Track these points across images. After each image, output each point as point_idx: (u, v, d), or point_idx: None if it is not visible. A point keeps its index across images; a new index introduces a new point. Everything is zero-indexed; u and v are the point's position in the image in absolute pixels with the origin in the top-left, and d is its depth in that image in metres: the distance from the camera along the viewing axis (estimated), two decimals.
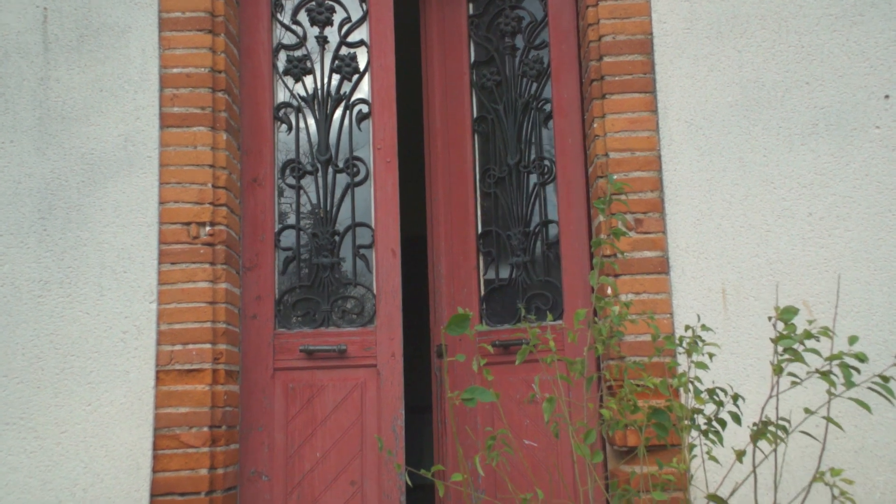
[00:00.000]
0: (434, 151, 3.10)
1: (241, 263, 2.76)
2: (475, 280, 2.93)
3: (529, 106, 2.94)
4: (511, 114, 2.96)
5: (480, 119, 3.03)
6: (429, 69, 3.15)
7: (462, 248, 2.98)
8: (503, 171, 2.95)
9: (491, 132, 3.00)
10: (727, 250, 2.45)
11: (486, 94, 3.02)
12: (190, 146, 2.52)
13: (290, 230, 2.85)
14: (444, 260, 3.01)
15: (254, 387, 2.70)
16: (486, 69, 3.03)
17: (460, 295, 2.95)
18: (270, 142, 2.85)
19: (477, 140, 3.03)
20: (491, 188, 2.97)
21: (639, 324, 2.19)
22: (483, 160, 3.01)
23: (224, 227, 2.56)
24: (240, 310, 2.72)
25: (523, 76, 2.96)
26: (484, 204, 2.99)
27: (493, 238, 2.95)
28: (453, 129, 3.05)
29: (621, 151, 2.55)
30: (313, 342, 2.76)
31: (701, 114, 2.52)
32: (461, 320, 1.29)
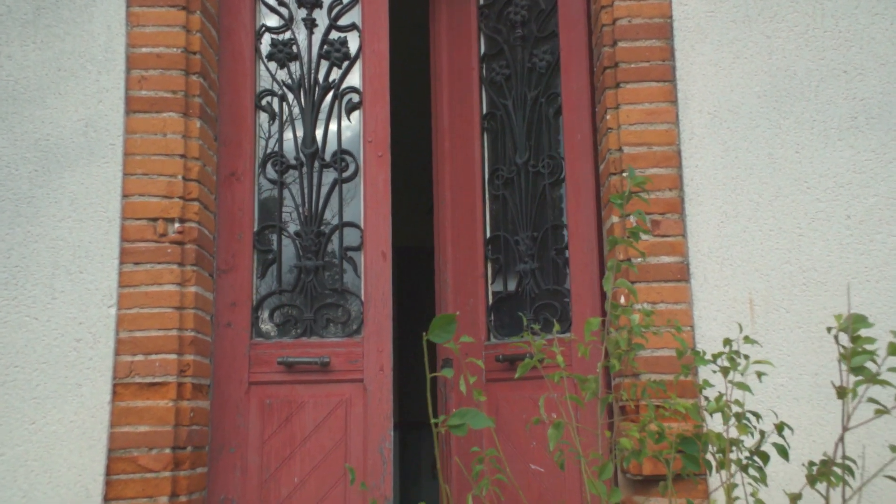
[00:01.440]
0: (441, 151, 2.87)
1: (215, 265, 2.50)
2: (482, 289, 2.69)
3: (538, 100, 2.70)
4: (520, 109, 2.73)
5: (490, 116, 2.80)
6: (436, 63, 2.93)
7: (469, 255, 2.74)
8: (512, 172, 2.72)
9: (500, 130, 2.78)
10: (755, 256, 2.20)
11: (496, 89, 2.80)
12: (159, 134, 2.27)
13: (271, 230, 2.60)
14: (450, 268, 2.77)
15: (226, 403, 2.43)
16: (495, 62, 2.81)
17: (466, 306, 2.71)
18: (251, 132, 2.60)
19: (486, 139, 2.81)
20: (499, 189, 2.74)
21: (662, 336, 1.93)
22: (492, 160, 2.79)
23: (196, 225, 2.30)
24: (212, 317, 2.46)
25: (532, 69, 2.73)
26: (493, 207, 2.76)
27: (501, 243, 2.71)
28: (461, 127, 2.82)
29: (637, 146, 2.30)
30: (293, 353, 2.49)
31: (725, 105, 2.27)
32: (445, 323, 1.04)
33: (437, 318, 0.97)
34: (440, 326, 1.03)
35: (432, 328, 1.04)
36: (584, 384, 1.39)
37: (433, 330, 1.03)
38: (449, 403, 2.69)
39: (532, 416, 2.44)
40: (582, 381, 1.39)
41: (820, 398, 2.05)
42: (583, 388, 1.40)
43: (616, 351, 1.42)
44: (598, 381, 1.41)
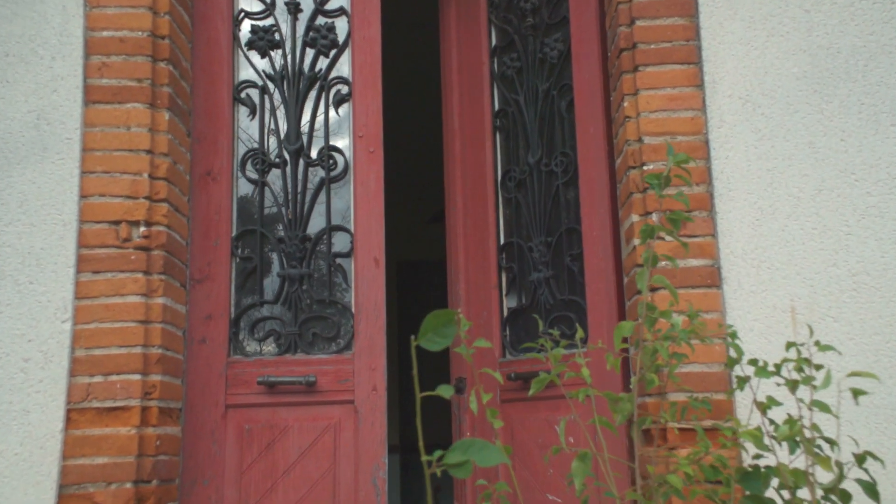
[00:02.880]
0: (451, 154, 2.64)
1: (189, 274, 2.24)
2: (496, 301, 2.43)
3: (550, 92, 2.46)
4: (532, 104, 2.49)
5: (501, 113, 2.57)
6: (446, 60, 2.70)
7: (482, 264, 2.50)
8: (524, 172, 2.48)
9: (512, 128, 2.55)
10: (796, 258, 1.94)
11: (507, 83, 2.57)
12: (122, 127, 2.02)
13: (251, 235, 2.34)
14: (462, 278, 2.52)
15: (200, 429, 2.16)
16: (506, 55, 2.58)
17: (480, 319, 2.45)
18: (229, 127, 2.35)
19: (498, 138, 2.57)
20: (512, 192, 2.50)
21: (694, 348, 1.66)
22: (504, 161, 2.56)
23: (164, 229, 2.04)
24: (184, 332, 2.20)
25: (543, 60, 2.49)
26: (506, 212, 2.52)
27: (515, 251, 2.46)
28: (472, 127, 2.59)
29: (658, 135, 2.05)
30: (276, 372, 2.23)
31: (759, 88, 2.02)
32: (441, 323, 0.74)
33: (430, 316, 0.70)
34: (434, 328, 0.74)
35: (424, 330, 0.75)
36: (616, 404, 1.12)
37: (425, 332, 0.74)
38: (462, 426, 2.42)
39: (548, 441, 2.17)
40: (613, 401, 1.12)
41: (879, 421, 1.78)
42: (614, 408, 1.14)
43: (652, 363, 1.15)
44: (634, 401, 1.14)
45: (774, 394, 1.22)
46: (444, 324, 0.70)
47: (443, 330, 0.70)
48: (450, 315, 0.70)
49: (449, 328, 0.70)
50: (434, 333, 0.70)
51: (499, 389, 2.36)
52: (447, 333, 0.70)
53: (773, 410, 1.22)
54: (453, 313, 0.70)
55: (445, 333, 0.70)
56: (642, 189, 2.05)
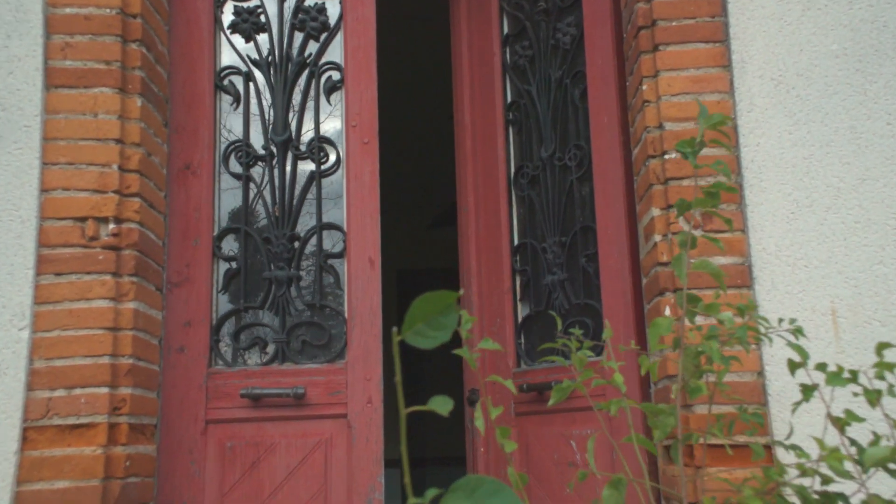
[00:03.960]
0: (462, 151, 2.46)
1: (165, 277, 2.05)
2: (509, 307, 2.24)
3: (563, 81, 2.28)
4: (544, 94, 2.31)
5: (513, 106, 2.39)
6: (457, 52, 2.52)
7: (494, 267, 2.31)
8: (537, 168, 2.29)
9: (524, 120, 2.37)
10: (837, 255, 1.74)
11: (519, 74, 2.40)
12: (88, 114, 1.83)
13: (235, 234, 2.15)
14: (474, 283, 2.33)
15: (177, 447, 1.97)
16: (518, 44, 2.41)
17: (493, 326, 2.26)
18: (210, 117, 2.16)
19: (510, 132, 2.39)
20: (525, 190, 2.31)
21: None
22: (517, 157, 2.38)
23: (136, 226, 1.85)
24: (160, 340, 2.00)
25: (556, 47, 2.30)
26: (519, 211, 2.34)
27: (529, 253, 2.28)
28: (483, 120, 2.42)
29: (681, 121, 1.85)
30: (261, 383, 2.03)
31: (794, 68, 1.83)
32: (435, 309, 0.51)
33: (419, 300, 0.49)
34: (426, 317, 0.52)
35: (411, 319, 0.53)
36: (656, 418, 0.92)
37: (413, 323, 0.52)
38: (476, 441, 2.22)
39: (564, 457, 1.97)
40: (653, 413, 0.92)
41: None
42: (654, 423, 0.94)
43: (696, 368, 0.95)
44: (677, 414, 0.94)
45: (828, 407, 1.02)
46: (440, 311, 0.49)
47: (438, 320, 0.49)
48: (447, 299, 0.49)
49: (447, 318, 0.50)
50: (426, 325, 0.50)
51: (513, 402, 2.16)
52: (444, 325, 0.50)
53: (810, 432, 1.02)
54: (451, 296, 0.50)
55: (442, 325, 0.49)
56: (663, 180, 1.86)
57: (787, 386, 1.71)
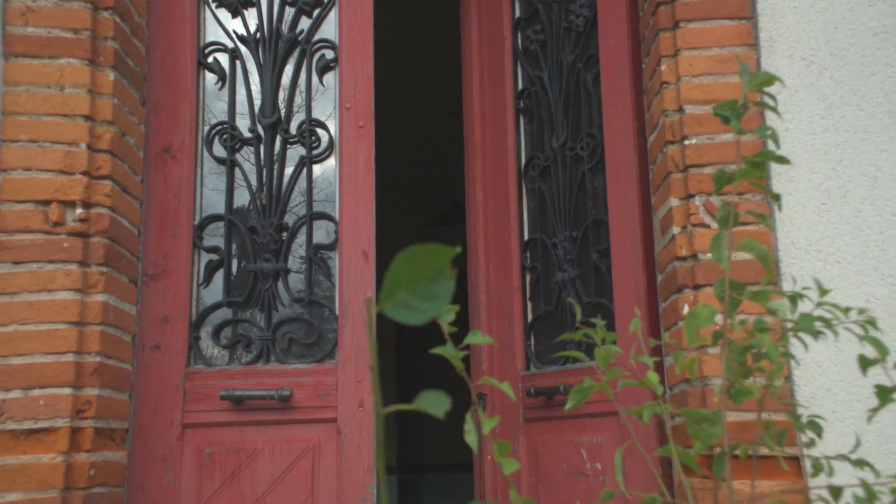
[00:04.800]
0: (471, 142, 2.32)
1: (141, 269, 1.89)
2: (519, 306, 2.09)
3: (575, 65, 2.13)
4: (556, 80, 2.17)
5: (524, 93, 2.25)
6: (466, 37, 2.39)
7: (504, 264, 2.16)
8: (548, 159, 2.15)
9: (535, 108, 2.23)
10: (872, 250, 1.59)
11: (531, 59, 2.26)
12: (54, 87, 1.67)
13: (218, 223, 1.99)
14: (482, 281, 2.18)
15: (150, 453, 1.80)
16: (529, 28, 2.27)
17: (501, 326, 2.11)
18: (192, 97, 2.00)
19: (521, 122, 2.25)
20: (535, 182, 2.17)
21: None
22: (529, 147, 2.24)
23: (107, 211, 1.69)
24: (134, 336, 1.84)
25: (568, 30, 2.16)
26: (530, 204, 2.19)
27: (539, 249, 2.13)
28: (493, 109, 2.28)
29: (703, 104, 1.70)
30: (244, 385, 1.87)
31: (827, 48, 1.68)
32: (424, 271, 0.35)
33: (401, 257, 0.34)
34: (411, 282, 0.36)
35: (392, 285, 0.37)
36: (698, 426, 0.76)
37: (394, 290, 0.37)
38: (484, 448, 2.07)
39: (574, 466, 1.81)
40: (696, 420, 0.77)
41: None
42: (695, 431, 0.78)
43: (743, 367, 0.80)
44: (723, 422, 0.78)
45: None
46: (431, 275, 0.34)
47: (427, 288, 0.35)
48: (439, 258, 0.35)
49: (439, 285, 0.35)
50: (411, 293, 0.35)
51: (521, 407, 2.01)
52: (435, 294, 0.35)
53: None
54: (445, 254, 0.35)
55: (432, 294, 0.35)
56: (683, 167, 1.71)
57: (818, 392, 1.56)
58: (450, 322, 0.82)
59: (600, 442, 1.76)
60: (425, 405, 0.44)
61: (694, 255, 1.65)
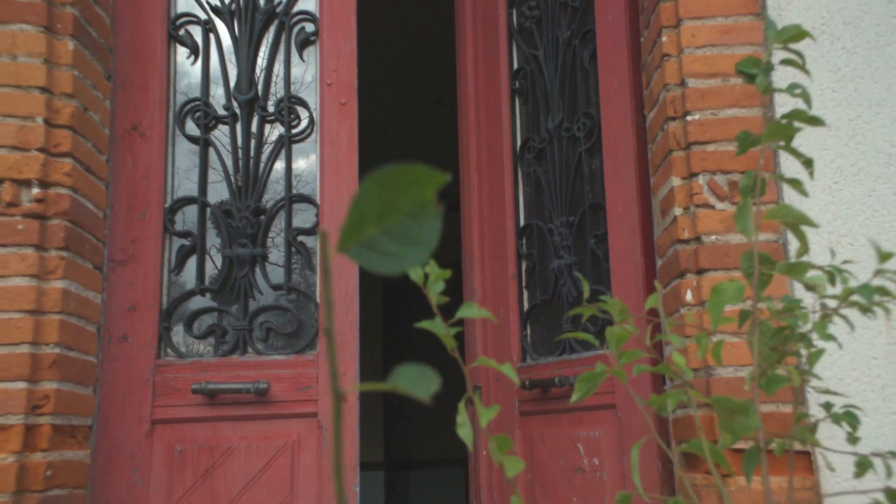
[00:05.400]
0: (466, 125, 2.21)
1: (107, 254, 1.77)
2: (514, 295, 1.99)
3: (572, 42, 2.02)
4: (552, 58, 2.06)
5: (520, 73, 2.14)
6: (460, 14, 2.26)
7: (499, 252, 2.05)
8: (543, 141, 2.04)
9: (531, 89, 2.12)
10: (887, 231, 1.50)
11: (526, 38, 2.14)
12: (4, 55, 1.54)
13: (191, 206, 1.87)
14: (476, 269, 2.08)
15: (117, 452, 1.69)
16: (524, 4, 2.15)
17: (496, 316, 2.01)
18: (163, 71, 1.87)
19: (517, 103, 2.14)
20: (531, 165, 2.06)
21: None
22: (524, 129, 2.13)
23: (68, 192, 1.57)
24: (99, 327, 1.72)
25: (564, 5, 2.05)
26: (526, 189, 2.08)
27: (535, 234, 2.02)
28: (487, 90, 2.18)
29: (706, 77, 1.60)
30: (218, 377, 1.75)
31: (839, 16, 1.57)
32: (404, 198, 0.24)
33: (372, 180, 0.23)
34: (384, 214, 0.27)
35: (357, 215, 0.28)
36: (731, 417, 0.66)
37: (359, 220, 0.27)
38: (478, 446, 1.96)
39: (571, 462, 1.71)
40: (728, 412, 0.66)
41: None
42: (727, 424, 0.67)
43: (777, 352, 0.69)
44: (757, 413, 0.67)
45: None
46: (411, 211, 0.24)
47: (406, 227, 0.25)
48: (422, 187, 0.24)
49: (421, 224, 0.25)
50: (385, 233, 0.26)
51: (517, 400, 1.90)
52: (416, 236, 0.25)
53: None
54: (431, 181, 0.24)
55: (411, 235, 0.25)
56: (685, 145, 1.60)
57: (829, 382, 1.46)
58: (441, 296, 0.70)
59: (597, 436, 1.66)
60: (407, 385, 0.33)
61: (697, 238, 1.55)
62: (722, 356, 0.71)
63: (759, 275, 0.68)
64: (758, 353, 0.66)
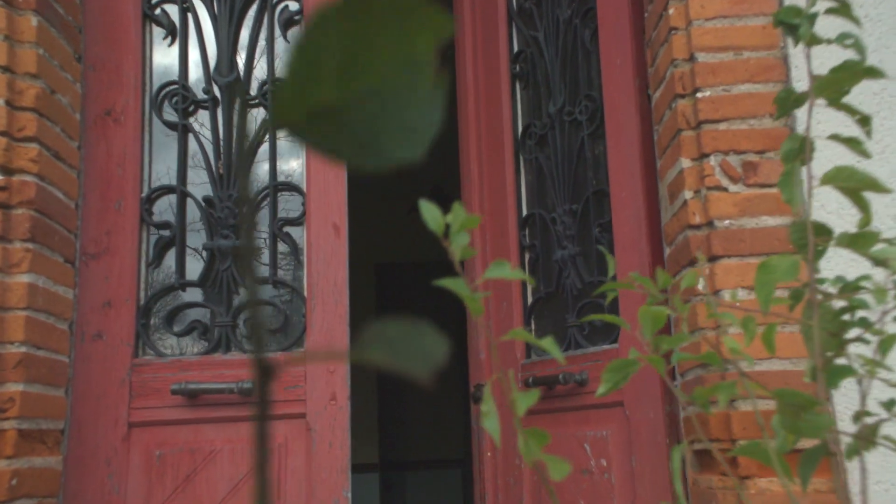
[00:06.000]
0: (465, 111, 2.11)
1: (79, 247, 1.66)
2: (517, 288, 1.89)
3: (573, 21, 1.92)
4: (552, 40, 1.95)
5: (520, 57, 2.04)
6: None
7: (500, 244, 1.95)
8: (545, 126, 1.94)
9: (531, 72, 2.02)
10: None
11: (526, 19, 2.04)
12: None
13: (169, 195, 1.76)
14: (478, 263, 1.98)
15: (91, 457, 1.58)
16: None
17: (499, 311, 1.90)
18: (137, 53, 1.76)
19: (517, 87, 2.04)
20: (533, 152, 1.96)
21: None
22: (526, 115, 2.03)
23: (34, 179, 1.46)
24: (71, 324, 1.61)
25: None
26: (528, 177, 1.98)
27: (537, 224, 1.92)
28: (487, 75, 2.08)
29: (717, 51, 1.49)
30: (200, 377, 1.65)
31: None
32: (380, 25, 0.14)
33: (331, 9, 0.14)
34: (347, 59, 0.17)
35: (302, 63, 0.17)
36: (797, 414, 0.55)
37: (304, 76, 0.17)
38: (482, 445, 1.86)
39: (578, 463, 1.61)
40: (795, 408, 0.55)
41: None
42: (795, 424, 0.56)
43: (836, 338, 0.59)
44: (832, 408, 0.57)
45: None
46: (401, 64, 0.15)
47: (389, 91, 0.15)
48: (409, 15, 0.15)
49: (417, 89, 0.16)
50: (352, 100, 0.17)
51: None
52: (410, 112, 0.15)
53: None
54: (431, 20, 0.14)
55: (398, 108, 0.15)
56: (695, 124, 1.50)
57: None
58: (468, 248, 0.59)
59: (605, 436, 1.56)
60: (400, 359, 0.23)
61: (709, 223, 1.44)
62: (775, 344, 0.60)
63: (814, 247, 0.58)
64: (817, 339, 0.55)
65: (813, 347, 0.57)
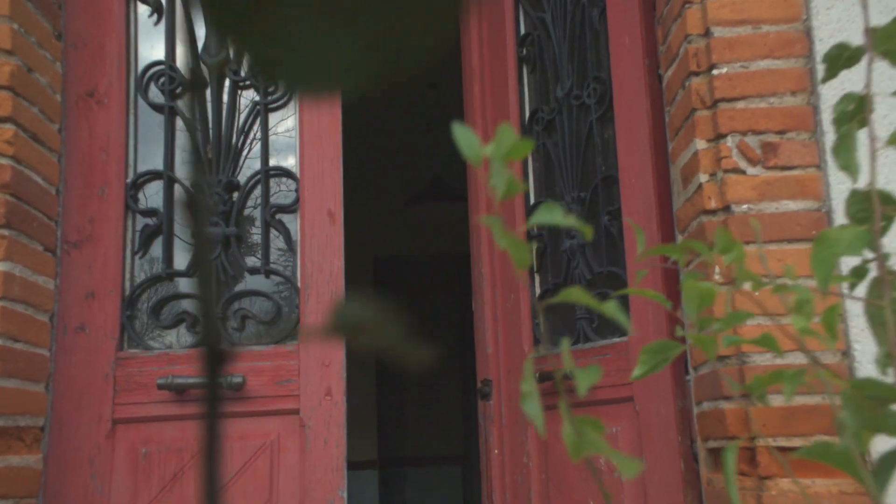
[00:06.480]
0: (470, 98, 2.02)
1: (61, 235, 1.58)
2: (525, 279, 1.81)
3: (580, 0, 1.83)
4: (560, 21, 1.87)
5: (527, 39, 1.95)
6: None
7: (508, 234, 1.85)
8: (552, 111, 1.85)
9: (538, 56, 1.93)
10: None
11: (533, 0, 1.93)
12: None
13: (156, 181, 1.68)
14: (485, 254, 1.89)
15: (73, 456, 1.50)
16: None
17: (507, 303, 1.82)
18: (121, 31, 1.68)
19: (524, 72, 1.96)
20: (540, 138, 1.87)
21: None
22: (533, 100, 1.94)
23: (10, 162, 1.38)
24: (52, 315, 1.53)
25: None
26: (535, 164, 1.90)
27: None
28: (493, 60, 2.00)
29: (735, 25, 1.41)
30: (187, 371, 1.57)
31: None
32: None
33: None
34: None
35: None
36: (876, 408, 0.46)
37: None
38: (489, 442, 1.78)
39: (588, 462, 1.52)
40: (875, 403, 0.46)
41: None
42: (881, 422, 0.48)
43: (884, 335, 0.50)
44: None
45: None
46: None
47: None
48: None
49: None
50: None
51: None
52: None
53: None
54: None
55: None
56: (710, 102, 1.41)
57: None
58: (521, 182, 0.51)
59: (615, 433, 1.48)
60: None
61: (726, 208, 1.36)
62: (837, 329, 0.52)
63: (881, 217, 0.49)
64: (892, 322, 0.47)
65: (883, 332, 0.48)
